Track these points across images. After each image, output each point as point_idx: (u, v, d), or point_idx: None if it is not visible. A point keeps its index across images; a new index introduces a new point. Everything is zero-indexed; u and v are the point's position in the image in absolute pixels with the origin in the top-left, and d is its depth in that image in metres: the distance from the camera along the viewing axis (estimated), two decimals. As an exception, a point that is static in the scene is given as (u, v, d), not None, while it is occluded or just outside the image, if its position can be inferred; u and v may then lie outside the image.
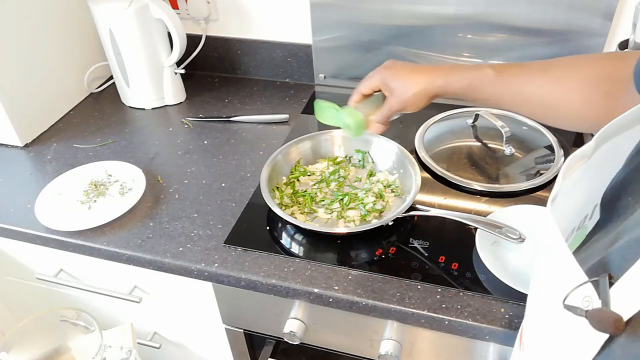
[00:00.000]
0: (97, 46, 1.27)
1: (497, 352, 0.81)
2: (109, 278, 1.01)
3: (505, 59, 1.15)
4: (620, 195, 0.44)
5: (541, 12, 1.06)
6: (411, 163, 0.95)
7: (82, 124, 1.22)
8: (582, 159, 0.44)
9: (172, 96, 1.27)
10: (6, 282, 1.14)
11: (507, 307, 0.75)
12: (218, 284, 0.88)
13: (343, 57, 1.25)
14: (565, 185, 0.42)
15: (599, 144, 0.43)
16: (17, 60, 1.11)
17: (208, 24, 1.31)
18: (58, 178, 1.02)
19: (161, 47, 1.21)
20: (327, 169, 1.00)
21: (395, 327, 0.84)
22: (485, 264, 0.78)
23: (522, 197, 0.94)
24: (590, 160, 0.44)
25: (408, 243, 0.86)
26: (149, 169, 1.06)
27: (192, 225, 0.93)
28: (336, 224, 0.90)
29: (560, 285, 0.36)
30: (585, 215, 0.49)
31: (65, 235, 0.92)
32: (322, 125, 0.87)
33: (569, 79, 0.66)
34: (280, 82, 1.34)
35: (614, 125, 0.43)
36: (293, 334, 0.87)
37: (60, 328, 0.78)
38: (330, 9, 1.18)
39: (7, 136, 1.14)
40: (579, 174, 0.44)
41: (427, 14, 1.13)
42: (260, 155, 1.09)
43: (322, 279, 0.81)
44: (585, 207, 0.49)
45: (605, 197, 0.47)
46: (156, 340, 1.10)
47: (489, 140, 1.09)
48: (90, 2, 1.15)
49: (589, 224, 0.50)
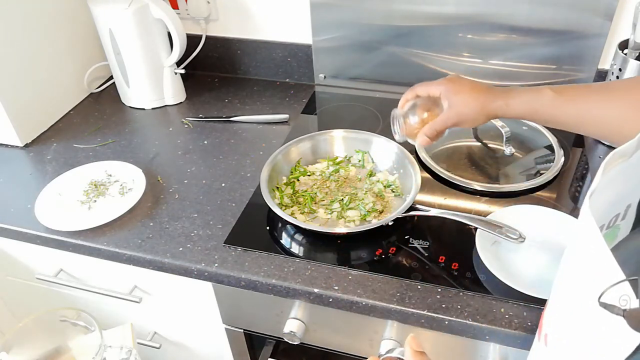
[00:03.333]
0: (97, 46, 1.27)
1: (497, 352, 0.81)
2: (109, 278, 1.01)
3: (505, 59, 1.15)
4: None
5: (541, 12, 1.06)
6: (411, 163, 0.95)
7: (82, 124, 1.22)
8: (623, 157, 0.44)
9: (172, 96, 1.27)
10: (6, 282, 1.14)
11: (507, 307, 0.75)
12: (218, 284, 0.88)
13: (343, 57, 1.25)
14: (603, 181, 0.42)
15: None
16: (17, 60, 1.11)
17: (208, 24, 1.31)
18: (58, 178, 1.02)
19: (161, 47, 1.21)
20: (327, 169, 1.00)
21: (395, 327, 0.84)
22: (485, 264, 0.78)
23: (522, 197, 0.94)
24: (631, 159, 0.44)
25: (408, 243, 0.86)
26: (149, 169, 1.06)
27: (192, 225, 0.93)
28: (336, 224, 0.90)
29: (596, 282, 0.36)
30: (616, 214, 0.49)
31: (65, 235, 0.92)
32: (322, 125, 0.87)
33: (628, 98, 0.68)
34: (280, 82, 1.34)
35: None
36: (293, 334, 0.87)
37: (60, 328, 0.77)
38: (330, 9, 1.18)
39: (7, 136, 1.14)
40: (617, 171, 0.44)
41: (427, 14, 1.13)
42: (260, 155, 1.09)
43: (322, 279, 0.81)
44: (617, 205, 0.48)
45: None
46: (156, 340, 1.10)
47: (489, 140, 1.09)
48: (90, 3, 1.15)
49: (622, 224, 0.49)
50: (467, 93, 0.77)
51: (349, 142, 1.03)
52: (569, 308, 0.44)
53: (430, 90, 0.81)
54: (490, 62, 1.16)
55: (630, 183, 0.47)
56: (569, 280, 0.44)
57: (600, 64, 1.10)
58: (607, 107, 0.69)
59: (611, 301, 0.34)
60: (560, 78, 1.13)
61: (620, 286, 0.34)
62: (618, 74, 0.99)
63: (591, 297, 0.35)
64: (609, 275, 0.35)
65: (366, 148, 1.02)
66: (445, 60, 1.18)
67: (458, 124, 0.79)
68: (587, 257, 0.39)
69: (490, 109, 0.76)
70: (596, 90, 0.71)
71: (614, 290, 0.34)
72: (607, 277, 0.35)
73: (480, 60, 1.16)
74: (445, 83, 0.80)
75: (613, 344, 0.35)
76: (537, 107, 0.74)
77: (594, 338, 0.38)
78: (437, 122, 0.79)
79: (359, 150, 1.02)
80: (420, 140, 0.81)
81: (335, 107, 1.25)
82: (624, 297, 0.33)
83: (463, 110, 0.77)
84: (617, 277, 0.34)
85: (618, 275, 0.34)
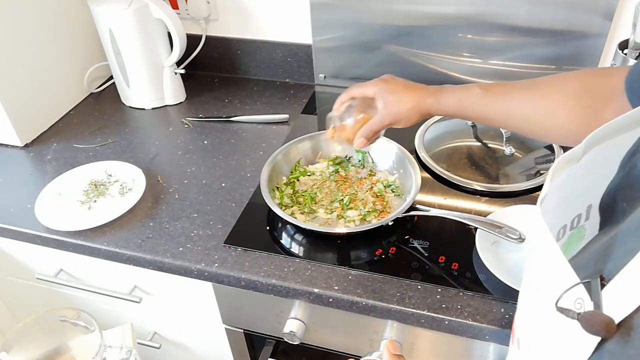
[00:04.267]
0: (97, 46, 1.27)
1: (497, 352, 0.81)
2: (109, 278, 1.01)
3: (505, 59, 1.15)
4: (616, 201, 0.45)
5: (541, 12, 1.06)
6: (411, 163, 0.95)
7: (82, 124, 1.22)
8: (571, 162, 0.44)
9: (172, 96, 1.27)
10: (6, 282, 1.14)
11: (507, 307, 0.75)
12: (218, 284, 0.88)
13: (343, 57, 1.25)
14: (552, 187, 0.43)
15: (588, 147, 0.44)
16: (17, 60, 1.11)
17: (208, 24, 1.31)
18: (58, 178, 1.02)
19: (161, 47, 1.21)
20: (327, 169, 1.00)
21: (395, 327, 0.84)
22: (485, 264, 0.78)
23: (522, 197, 0.94)
24: (580, 163, 0.45)
25: (408, 243, 0.86)
26: (149, 169, 1.06)
27: (192, 225, 0.93)
28: (336, 224, 0.90)
29: (553, 286, 0.36)
30: (577, 214, 0.49)
31: (65, 235, 0.92)
32: (322, 125, 0.87)
33: (552, 94, 0.69)
34: (280, 82, 1.34)
35: (603, 131, 0.43)
36: (293, 334, 0.87)
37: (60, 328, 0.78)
38: (330, 9, 1.18)
39: (7, 136, 1.14)
40: (567, 175, 0.44)
41: (427, 14, 1.13)
42: (260, 155, 1.09)
43: (322, 279, 0.81)
44: (574, 205, 0.49)
45: (603, 201, 0.48)
46: (156, 340, 1.10)
47: (489, 140, 1.08)
48: (90, 2, 1.15)
49: (587, 225, 0.50)
50: (401, 92, 0.78)
51: (349, 142, 1.03)
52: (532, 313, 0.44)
53: (365, 91, 0.81)
54: (490, 62, 1.16)
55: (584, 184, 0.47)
56: (531, 287, 0.45)
57: (600, 64, 1.10)
58: (532, 102, 0.70)
59: (567, 305, 0.34)
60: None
61: (575, 290, 0.34)
62: (618, 74, 0.99)
63: (550, 302, 0.36)
64: (564, 279, 0.35)
65: (366, 148, 1.02)
66: (445, 60, 1.18)
67: (393, 123, 0.79)
68: (544, 263, 0.40)
69: (422, 106, 0.77)
70: (522, 86, 0.73)
71: (569, 294, 0.34)
72: (562, 281, 0.35)
73: (480, 60, 1.16)
74: (379, 83, 0.80)
75: (573, 347, 0.35)
76: (467, 104, 0.75)
77: (555, 343, 0.38)
78: (373, 123, 0.80)
79: (359, 150, 1.02)
80: (357, 142, 0.81)
81: (335, 107, 1.25)
82: (578, 300, 0.34)
83: (397, 110, 0.78)
84: (572, 281, 0.35)
85: (573, 279, 0.35)
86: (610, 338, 0.32)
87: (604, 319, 0.32)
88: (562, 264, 0.36)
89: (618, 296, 0.33)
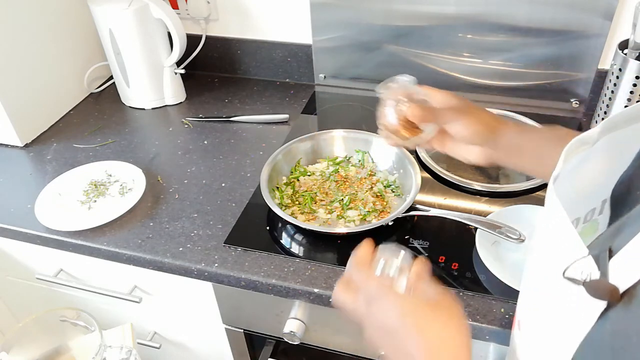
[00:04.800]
0: (97, 46, 1.27)
1: (497, 352, 0.80)
2: (109, 278, 1.01)
3: (505, 59, 1.14)
4: (629, 190, 0.45)
5: (541, 12, 1.06)
6: (411, 163, 0.94)
7: (82, 124, 1.22)
8: (585, 144, 0.45)
9: (172, 96, 1.27)
10: (6, 282, 1.14)
11: (507, 307, 0.75)
12: (218, 284, 0.88)
13: (343, 57, 1.25)
14: (566, 169, 0.43)
15: (604, 131, 0.45)
16: (17, 60, 1.11)
17: (208, 24, 1.31)
18: (58, 178, 1.02)
19: (161, 47, 1.21)
20: (327, 169, 1.00)
21: (395, 327, 0.84)
22: (485, 264, 0.78)
23: (522, 197, 0.94)
24: (595, 147, 0.45)
25: (408, 243, 0.86)
26: (149, 169, 1.06)
27: (192, 225, 0.93)
28: (336, 224, 0.90)
29: (562, 258, 0.38)
30: (592, 208, 0.50)
31: (65, 235, 0.92)
32: (322, 125, 0.87)
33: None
34: (280, 82, 1.34)
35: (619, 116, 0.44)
36: (293, 334, 0.87)
37: (60, 328, 0.78)
38: (330, 9, 1.18)
39: (7, 136, 1.14)
40: (582, 158, 0.45)
41: (427, 14, 1.13)
42: (260, 155, 1.09)
43: (322, 279, 0.81)
44: (592, 198, 0.49)
45: (614, 193, 0.48)
46: (156, 340, 1.10)
47: (489, 140, 1.08)
48: (90, 2, 1.15)
49: (600, 219, 0.50)
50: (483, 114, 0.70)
51: (349, 142, 1.03)
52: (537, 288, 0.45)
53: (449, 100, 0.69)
54: (490, 62, 1.16)
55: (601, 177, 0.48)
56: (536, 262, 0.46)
57: (600, 64, 1.10)
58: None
59: (574, 275, 0.36)
60: (560, 78, 1.13)
61: (584, 262, 0.36)
62: (618, 74, 0.99)
63: (557, 272, 0.37)
64: (574, 251, 0.37)
65: (366, 148, 1.02)
66: (445, 60, 1.18)
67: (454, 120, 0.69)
68: (554, 235, 0.41)
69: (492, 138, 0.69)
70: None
71: (577, 265, 0.36)
72: (572, 253, 0.37)
73: (480, 60, 1.16)
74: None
75: (577, 315, 0.37)
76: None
77: (560, 313, 0.40)
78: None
79: (359, 150, 1.02)
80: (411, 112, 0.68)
81: (335, 107, 1.25)
82: (585, 271, 0.35)
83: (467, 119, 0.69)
84: (581, 252, 0.36)
85: (582, 251, 0.36)
86: (613, 306, 0.34)
87: (609, 286, 0.34)
88: (572, 235, 0.37)
89: (624, 267, 0.34)
